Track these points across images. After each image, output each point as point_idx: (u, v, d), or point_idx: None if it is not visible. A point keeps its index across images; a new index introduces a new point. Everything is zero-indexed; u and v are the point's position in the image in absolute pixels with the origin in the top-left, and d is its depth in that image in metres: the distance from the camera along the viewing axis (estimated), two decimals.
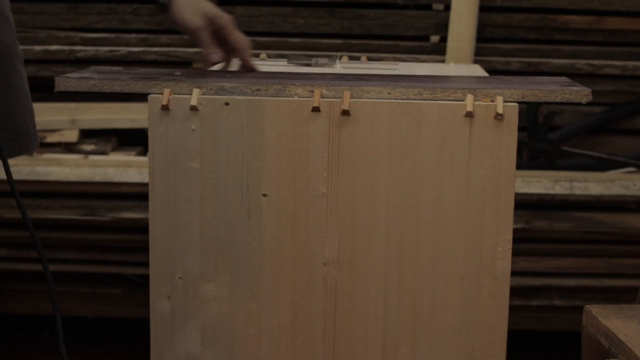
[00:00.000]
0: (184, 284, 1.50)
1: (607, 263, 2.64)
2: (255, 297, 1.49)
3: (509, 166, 1.45)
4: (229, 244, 1.48)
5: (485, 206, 1.45)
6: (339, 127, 1.45)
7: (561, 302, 2.68)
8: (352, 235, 1.47)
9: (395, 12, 2.75)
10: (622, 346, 1.26)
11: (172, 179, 1.47)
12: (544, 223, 2.59)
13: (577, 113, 2.74)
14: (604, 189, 2.55)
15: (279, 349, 1.50)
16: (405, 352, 1.50)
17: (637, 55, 2.73)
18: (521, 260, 2.60)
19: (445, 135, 1.44)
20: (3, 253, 2.64)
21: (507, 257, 1.47)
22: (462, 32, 2.65)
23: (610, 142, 2.76)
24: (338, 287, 1.48)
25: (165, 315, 1.51)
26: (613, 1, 2.70)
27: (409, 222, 1.46)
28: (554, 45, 2.74)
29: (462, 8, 2.65)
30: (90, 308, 2.15)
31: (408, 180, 1.45)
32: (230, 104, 1.45)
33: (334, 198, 1.46)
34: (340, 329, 1.50)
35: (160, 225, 1.48)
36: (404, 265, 1.47)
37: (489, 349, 1.49)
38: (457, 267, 1.47)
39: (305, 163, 1.45)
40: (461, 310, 1.48)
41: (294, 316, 1.50)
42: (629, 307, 1.39)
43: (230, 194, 1.47)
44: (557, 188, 2.56)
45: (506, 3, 2.72)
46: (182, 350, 1.51)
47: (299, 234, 1.47)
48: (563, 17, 2.72)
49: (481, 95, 1.44)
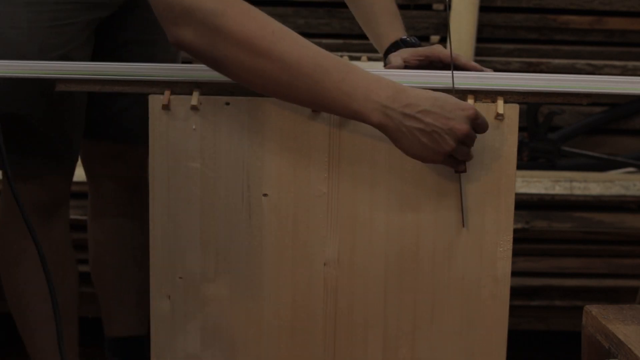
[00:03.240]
0: (184, 283, 1.50)
1: (607, 263, 2.64)
2: (255, 297, 1.49)
3: (509, 166, 1.45)
4: (229, 244, 1.48)
5: (485, 206, 1.45)
6: (339, 127, 1.45)
7: (561, 302, 2.68)
8: (352, 235, 1.47)
9: None
10: (622, 346, 1.26)
11: (172, 179, 1.47)
12: (544, 223, 2.58)
13: (577, 113, 2.74)
14: (604, 189, 2.55)
15: (279, 349, 1.50)
16: (405, 352, 1.50)
17: (637, 55, 2.73)
18: (521, 260, 2.60)
19: None
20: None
21: (507, 257, 1.47)
22: (462, 32, 2.65)
23: (610, 142, 2.76)
24: (338, 287, 1.48)
25: (165, 315, 1.51)
26: (613, 1, 2.69)
27: (409, 222, 1.46)
28: (554, 45, 2.74)
29: (462, 8, 2.65)
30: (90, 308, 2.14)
31: (408, 180, 1.45)
32: (230, 103, 1.45)
33: (334, 198, 1.46)
34: (340, 329, 1.50)
35: (160, 225, 1.48)
36: (404, 265, 1.47)
37: (489, 349, 1.49)
38: (457, 267, 1.47)
39: (306, 163, 1.45)
40: (461, 311, 1.48)
41: (294, 316, 1.49)
42: (629, 307, 1.39)
43: (231, 194, 1.47)
44: (557, 188, 2.56)
45: (506, 3, 2.72)
46: (182, 350, 1.51)
47: (299, 234, 1.47)
48: (563, 17, 2.72)
49: (481, 96, 1.44)
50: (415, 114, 1.29)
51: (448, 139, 1.30)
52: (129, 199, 1.90)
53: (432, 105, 1.29)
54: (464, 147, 1.34)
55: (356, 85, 1.28)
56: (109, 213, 1.92)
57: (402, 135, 1.30)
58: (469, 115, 1.31)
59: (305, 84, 1.28)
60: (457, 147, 1.33)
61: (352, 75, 1.29)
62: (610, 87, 1.46)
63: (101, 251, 1.95)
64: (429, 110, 1.29)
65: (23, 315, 1.83)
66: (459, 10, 2.66)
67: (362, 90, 1.28)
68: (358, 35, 2.76)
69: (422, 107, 1.29)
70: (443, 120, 1.29)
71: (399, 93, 1.29)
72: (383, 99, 1.28)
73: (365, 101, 1.29)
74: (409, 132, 1.30)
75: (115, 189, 1.90)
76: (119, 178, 1.88)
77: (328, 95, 1.28)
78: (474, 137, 1.34)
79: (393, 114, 1.29)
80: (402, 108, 1.29)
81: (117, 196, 1.90)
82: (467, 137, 1.32)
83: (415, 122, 1.29)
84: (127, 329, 1.96)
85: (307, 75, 1.27)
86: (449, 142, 1.31)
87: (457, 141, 1.32)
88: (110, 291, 1.96)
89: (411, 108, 1.29)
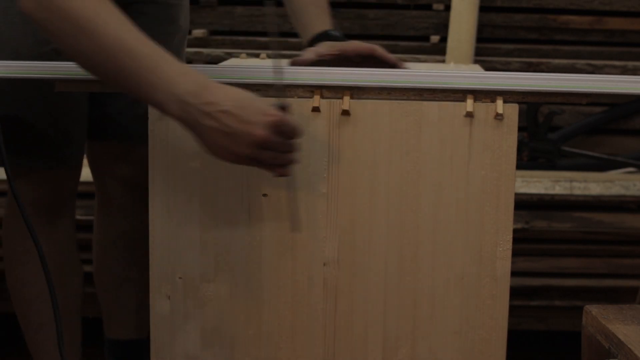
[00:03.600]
0: (184, 284, 1.50)
1: (607, 263, 2.64)
2: (255, 297, 1.49)
3: (509, 166, 1.45)
4: (229, 244, 1.48)
5: (485, 206, 1.45)
6: (339, 127, 1.45)
7: (561, 302, 2.67)
8: (352, 235, 1.47)
9: (395, 12, 2.75)
10: (622, 346, 1.26)
11: (172, 179, 1.47)
12: (544, 223, 2.58)
13: (577, 113, 2.74)
14: (604, 189, 2.55)
15: (279, 349, 1.50)
16: (405, 352, 1.50)
17: (637, 55, 2.73)
18: (521, 260, 2.60)
19: (445, 135, 1.44)
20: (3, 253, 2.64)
21: (507, 257, 1.47)
22: (462, 32, 2.65)
23: (610, 142, 2.76)
24: (338, 287, 1.48)
25: (165, 315, 1.51)
26: (613, 1, 2.69)
27: (409, 222, 1.46)
28: (554, 45, 2.74)
29: (462, 8, 2.65)
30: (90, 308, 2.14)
31: (408, 180, 1.45)
32: None
33: (334, 198, 1.46)
34: (340, 328, 1.50)
35: (160, 226, 1.48)
36: (404, 265, 1.47)
37: (489, 349, 1.49)
38: (457, 267, 1.47)
39: (306, 163, 1.45)
40: (461, 310, 1.48)
41: (294, 316, 1.49)
42: (629, 307, 1.39)
43: (230, 194, 1.47)
44: (557, 188, 2.56)
45: (506, 3, 2.72)
46: (182, 350, 1.51)
47: (299, 234, 1.47)
48: (563, 17, 2.72)
49: (481, 96, 1.44)
50: (215, 113, 1.27)
51: (244, 143, 1.28)
52: (133, 200, 1.90)
53: (233, 107, 1.27)
54: (269, 152, 1.30)
55: (162, 77, 1.28)
56: (112, 214, 1.92)
57: (200, 132, 1.29)
58: (269, 122, 1.27)
59: (117, 68, 1.29)
60: (257, 153, 1.29)
61: (161, 67, 1.28)
62: (610, 87, 1.45)
63: (104, 252, 1.95)
64: (228, 111, 1.27)
65: (25, 315, 1.83)
66: (459, 10, 2.66)
67: (165, 82, 1.28)
68: (358, 35, 2.76)
69: (223, 107, 1.27)
70: (241, 124, 1.27)
71: (203, 90, 1.28)
72: (184, 94, 1.27)
73: (167, 94, 1.28)
74: (206, 130, 1.28)
75: (119, 190, 1.89)
76: (123, 178, 1.88)
77: (136, 83, 1.29)
78: (278, 143, 1.30)
79: (192, 110, 1.28)
80: (202, 105, 1.27)
81: (121, 197, 1.90)
82: (265, 143, 1.28)
83: (213, 121, 1.27)
84: (127, 332, 1.95)
85: (119, 61, 1.28)
86: (245, 146, 1.28)
87: (255, 146, 1.28)
88: (111, 292, 1.96)
89: (211, 106, 1.27)
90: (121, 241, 1.92)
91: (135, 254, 1.92)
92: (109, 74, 1.31)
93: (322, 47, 1.56)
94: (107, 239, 1.93)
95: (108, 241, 1.93)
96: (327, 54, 1.54)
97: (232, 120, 1.27)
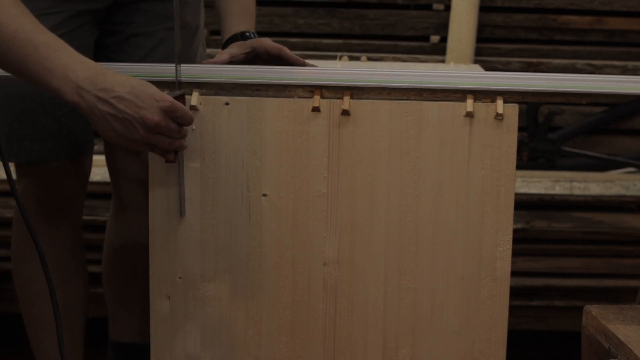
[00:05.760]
0: (184, 284, 1.50)
1: (607, 263, 2.64)
2: (255, 297, 1.49)
3: (509, 166, 1.45)
4: (229, 244, 1.48)
5: (485, 206, 1.45)
6: (339, 127, 1.45)
7: (561, 302, 2.68)
8: (352, 235, 1.47)
9: (395, 12, 2.75)
10: (622, 346, 1.26)
11: (172, 179, 1.47)
12: (544, 223, 2.58)
13: (577, 113, 2.74)
14: (604, 189, 2.55)
15: (279, 349, 1.50)
16: (405, 352, 1.50)
17: (637, 55, 2.73)
18: (521, 260, 2.60)
19: (445, 135, 1.44)
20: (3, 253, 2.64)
21: (507, 257, 1.47)
22: (462, 32, 2.65)
23: (610, 142, 2.76)
24: (338, 287, 1.48)
25: (165, 315, 1.51)
26: (613, 1, 2.69)
27: (409, 222, 1.46)
28: (554, 45, 2.74)
29: (462, 8, 2.65)
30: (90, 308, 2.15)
31: (408, 180, 1.45)
32: (230, 103, 1.45)
33: (334, 198, 1.46)
34: (340, 328, 1.50)
35: (160, 226, 1.48)
36: (404, 265, 1.47)
37: (489, 349, 1.49)
38: (457, 267, 1.47)
39: (306, 163, 1.45)
40: (461, 310, 1.48)
41: (294, 316, 1.50)
42: (629, 307, 1.39)
43: (230, 194, 1.47)
44: (557, 188, 2.56)
45: (506, 3, 2.72)
46: (182, 350, 1.51)
47: (299, 234, 1.47)
48: (563, 17, 2.72)
49: (481, 96, 1.44)
50: (109, 98, 1.32)
51: (138, 127, 1.33)
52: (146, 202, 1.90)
53: (127, 93, 1.33)
54: (162, 137, 1.36)
55: (58, 64, 1.32)
56: (125, 216, 1.91)
57: (96, 117, 1.34)
58: (162, 107, 1.34)
59: (16, 56, 1.33)
60: (151, 137, 1.35)
61: (58, 54, 1.33)
62: (610, 87, 1.46)
63: (113, 254, 1.95)
64: (123, 97, 1.33)
65: (28, 312, 1.84)
66: (459, 10, 2.66)
67: (62, 69, 1.32)
68: (358, 35, 2.76)
69: (117, 93, 1.32)
70: (135, 109, 1.33)
71: (98, 76, 1.33)
72: (80, 80, 1.32)
73: (63, 80, 1.32)
74: (102, 115, 1.33)
75: (133, 191, 1.89)
76: (137, 179, 1.88)
77: (33, 70, 1.33)
78: (171, 128, 1.36)
79: (87, 96, 1.32)
80: (97, 91, 1.32)
81: (135, 199, 1.90)
82: (158, 127, 1.34)
83: (108, 106, 1.33)
84: (131, 335, 1.95)
85: (18, 49, 1.32)
86: (139, 130, 1.33)
87: (148, 130, 1.34)
88: (118, 295, 1.96)
89: (106, 92, 1.32)
90: (130, 242, 1.92)
91: (146, 258, 1.92)
92: (12, 63, 1.34)
93: (234, 47, 1.60)
94: (119, 241, 1.93)
95: (119, 243, 1.93)
96: (239, 54, 1.57)
97: (126, 106, 1.33)
